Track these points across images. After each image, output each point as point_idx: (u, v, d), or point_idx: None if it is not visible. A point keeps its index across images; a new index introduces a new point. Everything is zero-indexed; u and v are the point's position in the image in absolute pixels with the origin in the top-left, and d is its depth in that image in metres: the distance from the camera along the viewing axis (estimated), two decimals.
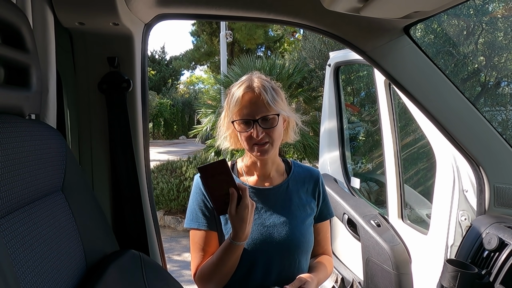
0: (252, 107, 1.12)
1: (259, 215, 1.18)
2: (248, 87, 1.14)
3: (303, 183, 1.27)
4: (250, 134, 1.13)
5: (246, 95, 1.13)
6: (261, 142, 1.13)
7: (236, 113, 1.14)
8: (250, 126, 1.13)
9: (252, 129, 1.12)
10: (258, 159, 1.21)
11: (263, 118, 1.12)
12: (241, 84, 1.16)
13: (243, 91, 1.13)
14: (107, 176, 1.29)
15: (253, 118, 1.12)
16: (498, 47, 5.75)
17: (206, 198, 1.20)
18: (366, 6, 1.01)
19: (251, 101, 1.12)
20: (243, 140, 1.17)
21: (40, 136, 0.79)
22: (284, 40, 20.42)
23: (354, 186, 2.57)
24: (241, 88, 1.15)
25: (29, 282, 0.64)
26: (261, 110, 1.12)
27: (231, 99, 1.15)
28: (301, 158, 7.78)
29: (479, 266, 1.32)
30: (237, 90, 1.15)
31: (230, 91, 1.19)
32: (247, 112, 1.12)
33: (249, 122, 1.13)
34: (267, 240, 1.15)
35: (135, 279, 0.95)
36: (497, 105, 5.94)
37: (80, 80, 1.26)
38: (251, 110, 1.12)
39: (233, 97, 1.15)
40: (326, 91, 2.78)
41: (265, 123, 1.13)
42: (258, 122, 1.12)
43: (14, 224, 0.66)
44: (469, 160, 1.49)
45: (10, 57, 0.75)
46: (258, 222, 1.17)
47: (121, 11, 1.09)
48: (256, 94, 1.13)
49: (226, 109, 1.20)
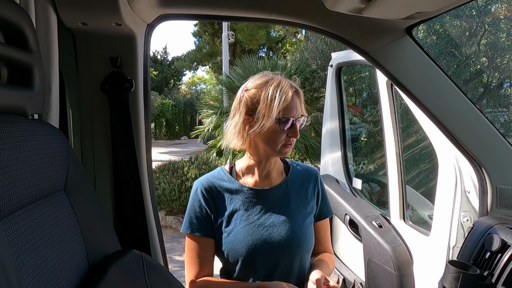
0: (295, 105, 1.14)
1: (259, 216, 1.18)
2: (291, 87, 1.14)
3: (302, 182, 1.27)
4: (285, 136, 1.14)
5: (296, 94, 1.16)
6: (296, 137, 1.16)
7: (282, 112, 1.12)
8: (291, 125, 1.14)
9: (294, 125, 1.14)
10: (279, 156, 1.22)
11: (300, 116, 1.16)
12: (278, 83, 1.13)
13: (291, 91, 1.13)
14: (109, 176, 1.29)
15: (295, 116, 1.14)
16: (500, 48, 5.74)
17: (204, 204, 1.19)
18: (368, 6, 1.01)
19: (294, 101, 1.14)
20: (272, 140, 1.14)
21: (42, 136, 0.79)
22: (286, 40, 20.41)
23: (356, 187, 2.57)
24: (286, 87, 1.13)
25: (32, 281, 0.65)
26: (300, 110, 1.16)
27: (275, 97, 1.10)
28: (303, 159, 7.77)
29: (481, 268, 1.31)
30: (282, 89, 1.12)
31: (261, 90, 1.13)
32: (291, 111, 1.13)
33: (289, 120, 1.13)
34: (267, 241, 1.15)
35: (137, 279, 0.95)
36: (499, 106, 5.92)
37: (83, 80, 1.27)
38: (294, 109, 1.14)
39: (277, 95, 1.11)
40: (328, 92, 2.78)
41: (300, 122, 1.17)
42: (298, 120, 1.15)
43: (17, 223, 0.66)
44: (471, 161, 1.48)
45: (13, 57, 0.76)
46: (258, 222, 1.17)
47: (124, 11, 1.09)
48: (296, 95, 1.15)
49: (261, 107, 1.12)
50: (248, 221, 1.17)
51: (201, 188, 1.21)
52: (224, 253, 1.17)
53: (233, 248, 1.15)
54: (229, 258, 1.16)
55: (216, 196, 1.20)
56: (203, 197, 1.20)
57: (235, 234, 1.15)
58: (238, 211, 1.18)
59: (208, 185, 1.21)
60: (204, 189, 1.20)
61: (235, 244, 1.15)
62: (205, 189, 1.20)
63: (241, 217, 1.17)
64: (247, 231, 1.15)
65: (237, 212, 1.18)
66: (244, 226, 1.16)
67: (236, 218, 1.17)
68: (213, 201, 1.20)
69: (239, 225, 1.16)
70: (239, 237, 1.15)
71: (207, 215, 1.19)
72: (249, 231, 1.15)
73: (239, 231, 1.15)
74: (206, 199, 1.20)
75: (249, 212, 1.18)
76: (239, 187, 1.21)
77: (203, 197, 1.20)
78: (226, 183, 1.22)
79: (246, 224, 1.16)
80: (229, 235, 1.16)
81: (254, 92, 1.14)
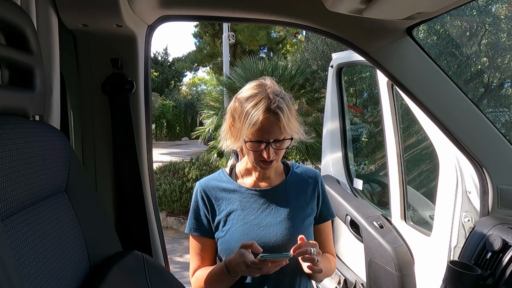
0: (268, 130, 1.08)
1: (256, 216, 1.19)
2: (267, 110, 1.07)
3: (302, 184, 1.26)
4: (260, 153, 1.12)
5: (267, 119, 1.07)
6: (269, 160, 1.12)
7: (251, 135, 1.10)
8: (262, 147, 1.11)
9: (264, 150, 1.11)
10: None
11: (275, 140, 1.11)
12: (257, 102, 1.08)
13: (262, 115, 1.06)
14: (110, 177, 1.30)
15: (267, 140, 1.09)
16: (501, 48, 5.73)
17: (202, 206, 1.22)
18: (368, 7, 1.01)
19: (268, 125, 1.08)
20: (251, 155, 1.15)
21: (44, 137, 0.79)
22: (286, 41, 20.40)
23: (356, 187, 2.57)
24: (259, 109, 1.07)
25: (33, 282, 0.65)
26: (276, 134, 1.09)
27: (247, 118, 1.07)
28: (304, 160, 7.77)
29: (482, 268, 1.31)
30: (255, 110, 1.07)
31: (242, 105, 1.11)
32: (262, 135, 1.09)
33: (261, 142, 1.11)
34: (263, 241, 1.15)
35: (138, 280, 0.95)
36: (500, 106, 5.92)
37: (84, 81, 1.27)
38: (266, 133, 1.09)
39: (249, 116, 1.07)
40: (329, 93, 2.78)
41: (276, 144, 1.11)
42: (271, 144, 1.10)
43: (18, 225, 0.66)
44: (472, 162, 1.48)
45: (15, 58, 0.76)
46: (254, 223, 1.17)
47: (125, 13, 1.09)
48: (273, 118, 1.07)
49: (237, 121, 1.13)
50: (244, 220, 1.18)
51: (200, 189, 1.24)
52: (221, 252, 1.19)
53: (229, 247, 1.16)
54: (225, 257, 1.16)
55: (214, 197, 1.22)
56: (202, 199, 1.23)
57: (231, 233, 1.17)
58: (236, 211, 1.19)
59: (207, 187, 1.24)
60: (203, 191, 1.23)
61: (230, 243, 1.16)
62: (204, 190, 1.23)
63: (238, 217, 1.18)
64: (243, 231, 1.16)
65: (234, 212, 1.19)
66: (241, 226, 1.17)
67: (233, 218, 1.19)
68: (212, 202, 1.22)
69: (235, 224, 1.18)
70: (235, 237, 1.16)
71: (206, 216, 1.22)
72: (245, 230, 1.16)
73: (235, 230, 1.17)
74: (205, 200, 1.22)
75: (246, 212, 1.19)
76: (237, 188, 1.23)
77: (201, 198, 1.23)
78: (225, 184, 1.24)
79: (242, 223, 1.17)
80: (225, 235, 1.18)
81: (237, 104, 1.13)
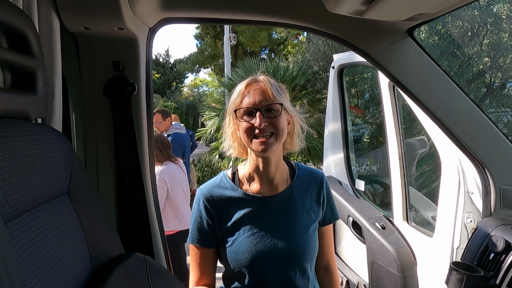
0: (255, 96, 1.08)
1: (263, 225, 1.15)
2: (252, 79, 1.12)
3: (307, 188, 1.23)
4: (252, 125, 1.07)
5: (250, 85, 1.10)
6: (265, 133, 1.07)
7: (239, 103, 1.10)
8: (253, 116, 1.07)
9: (254, 118, 1.07)
10: (260, 157, 1.15)
11: (266, 108, 1.07)
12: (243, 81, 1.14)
13: (246, 83, 1.11)
14: (112, 179, 1.30)
15: (256, 107, 1.07)
16: (503, 48, 5.72)
17: (205, 216, 1.17)
18: (369, 8, 1.01)
19: (254, 91, 1.08)
20: (243, 134, 1.10)
21: (46, 140, 0.80)
22: (288, 42, 20.43)
23: (358, 188, 2.56)
24: (246, 81, 1.12)
25: (36, 284, 0.65)
26: (265, 99, 1.07)
27: (234, 92, 1.13)
28: (306, 161, 7.77)
29: (485, 269, 1.31)
30: (243, 84, 1.12)
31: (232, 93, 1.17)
32: (250, 101, 1.08)
33: (251, 112, 1.08)
34: (271, 250, 1.12)
35: (140, 282, 0.95)
36: (502, 106, 5.90)
37: (86, 84, 1.27)
38: (254, 99, 1.07)
39: (235, 90, 1.12)
40: (330, 93, 2.78)
41: (268, 113, 1.07)
42: (261, 111, 1.06)
43: (21, 227, 0.66)
44: (474, 162, 1.48)
45: (17, 61, 0.76)
46: (261, 233, 1.14)
47: (126, 15, 1.10)
48: (260, 85, 1.09)
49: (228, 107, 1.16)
50: (252, 231, 1.14)
51: (203, 198, 1.18)
52: (228, 262, 1.15)
53: (236, 258, 1.13)
54: (232, 267, 1.14)
55: (218, 206, 1.17)
56: (205, 208, 1.18)
57: (238, 244, 1.13)
58: (242, 220, 1.15)
59: (210, 195, 1.18)
60: (206, 200, 1.18)
61: (238, 254, 1.12)
62: (207, 199, 1.18)
63: (244, 226, 1.14)
64: (251, 242, 1.12)
65: (240, 221, 1.15)
66: (248, 236, 1.13)
67: (239, 227, 1.15)
68: (216, 211, 1.17)
69: (242, 234, 1.14)
70: (243, 248, 1.12)
71: (209, 226, 1.17)
72: (253, 241, 1.12)
73: (242, 241, 1.13)
74: (208, 210, 1.17)
75: (253, 221, 1.15)
76: (242, 195, 1.17)
77: (204, 208, 1.18)
78: (229, 192, 1.18)
79: (250, 234, 1.13)
80: (232, 245, 1.14)
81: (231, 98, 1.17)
